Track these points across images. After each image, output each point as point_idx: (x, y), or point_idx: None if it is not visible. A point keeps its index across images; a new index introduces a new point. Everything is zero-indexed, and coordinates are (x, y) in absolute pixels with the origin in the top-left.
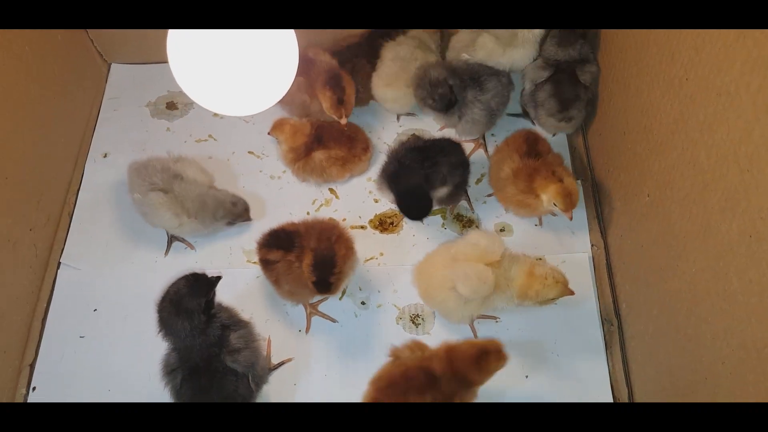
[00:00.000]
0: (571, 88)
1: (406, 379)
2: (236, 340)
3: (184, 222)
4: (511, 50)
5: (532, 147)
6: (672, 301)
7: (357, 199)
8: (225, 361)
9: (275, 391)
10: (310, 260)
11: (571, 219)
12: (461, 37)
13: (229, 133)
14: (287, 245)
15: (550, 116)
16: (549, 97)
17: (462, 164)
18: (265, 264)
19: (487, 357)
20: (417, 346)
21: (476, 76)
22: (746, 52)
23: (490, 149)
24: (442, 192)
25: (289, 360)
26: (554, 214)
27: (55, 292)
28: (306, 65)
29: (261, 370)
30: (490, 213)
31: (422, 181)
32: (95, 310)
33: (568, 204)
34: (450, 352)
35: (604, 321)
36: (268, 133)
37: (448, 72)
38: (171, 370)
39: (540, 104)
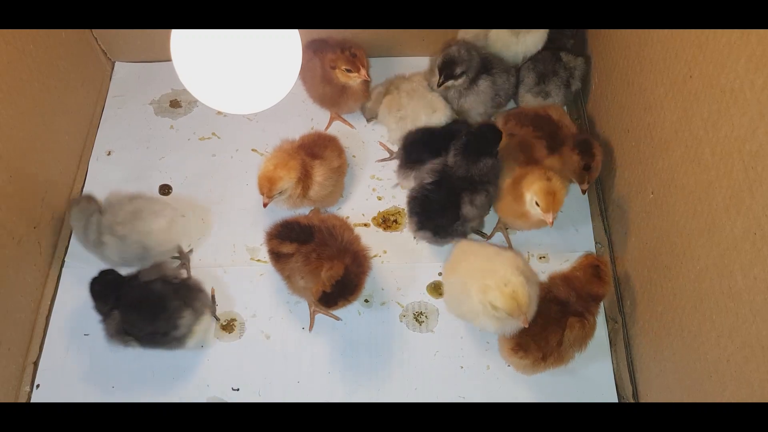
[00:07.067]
0: (550, 65)
1: (539, 315)
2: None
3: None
4: (525, 36)
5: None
6: (676, 299)
7: (360, 196)
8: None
9: (278, 388)
10: (338, 274)
11: (551, 224)
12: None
13: (232, 131)
14: (304, 238)
15: (528, 92)
16: (528, 72)
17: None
18: (277, 257)
19: (600, 268)
20: None
21: (489, 66)
22: (750, 49)
23: None
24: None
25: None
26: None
27: (59, 289)
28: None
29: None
30: (492, 213)
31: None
32: None
33: (549, 203)
34: (566, 280)
35: (609, 319)
36: (267, 198)
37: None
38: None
39: (521, 81)
